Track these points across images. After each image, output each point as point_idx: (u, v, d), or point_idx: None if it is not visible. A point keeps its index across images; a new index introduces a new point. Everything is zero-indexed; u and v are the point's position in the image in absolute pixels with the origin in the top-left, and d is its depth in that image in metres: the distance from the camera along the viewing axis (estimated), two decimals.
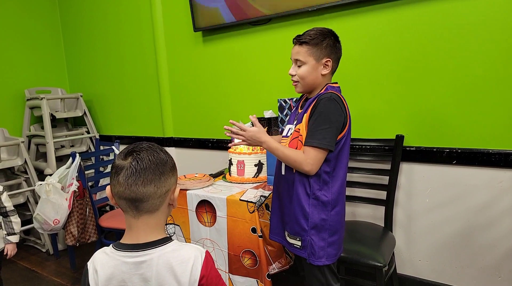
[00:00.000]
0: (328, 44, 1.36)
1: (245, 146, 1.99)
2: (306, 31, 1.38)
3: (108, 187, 0.89)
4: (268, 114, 2.23)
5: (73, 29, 3.49)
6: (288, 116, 1.82)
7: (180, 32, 2.71)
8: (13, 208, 1.87)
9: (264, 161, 1.94)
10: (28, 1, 3.34)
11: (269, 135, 1.43)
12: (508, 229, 1.72)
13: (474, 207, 1.79)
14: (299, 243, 1.38)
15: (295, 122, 1.45)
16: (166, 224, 1.97)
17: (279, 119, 2.17)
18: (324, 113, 1.28)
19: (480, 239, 1.79)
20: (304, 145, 1.32)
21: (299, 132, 1.38)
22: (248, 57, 2.43)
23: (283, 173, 1.45)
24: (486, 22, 1.66)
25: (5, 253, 1.85)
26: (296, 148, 1.37)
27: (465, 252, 1.84)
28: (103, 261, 0.88)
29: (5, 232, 1.84)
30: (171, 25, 2.76)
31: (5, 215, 1.84)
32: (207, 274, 0.87)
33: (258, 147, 1.96)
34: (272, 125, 2.18)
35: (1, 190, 1.83)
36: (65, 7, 3.51)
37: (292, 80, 1.43)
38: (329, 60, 1.37)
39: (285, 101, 2.12)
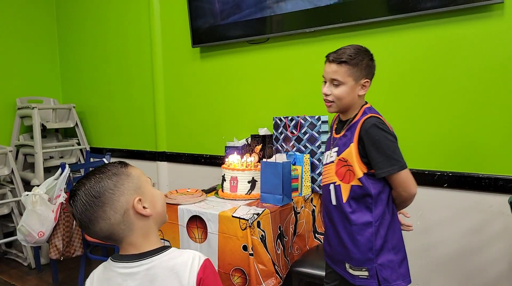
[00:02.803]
0: (367, 64, 1.32)
1: (239, 162, 1.99)
2: (342, 49, 1.32)
3: None
4: (263, 131, 2.24)
5: (70, 39, 3.50)
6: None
7: (178, 46, 2.73)
8: None
9: (257, 178, 1.93)
10: (25, 9, 3.35)
11: (263, 151, 1.40)
12: (498, 254, 1.73)
13: (465, 231, 1.80)
14: (366, 273, 1.31)
15: (334, 149, 1.39)
16: None
17: (273, 137, 2.18)
18: (382, 138, 1.26)
19: (471, 263, 1.80)
20: (391, 174, 1.26)
21: (346, 162, 1.32)
22: (245, 74, 2.45)
23: (334, 203, 1.38)
24: (480, 48, 1.71)
25: None
26: (344, 177, 1.33)
27: (455, 276, 1.84)
28: (100, 273, 0.87)
29: None
30: (169, 39, 2.79)
31: None
32: (205, 277, 0.83)
33: (252, 164, 1.96)
34: (266, 142, 2.18)
35: None
36: (63, 17, 3.52)
37: (326, 99, 1.36)
38: (368, 81, 1.34)
39: (280, 119, 2.13)
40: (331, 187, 1.38)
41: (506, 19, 1.65)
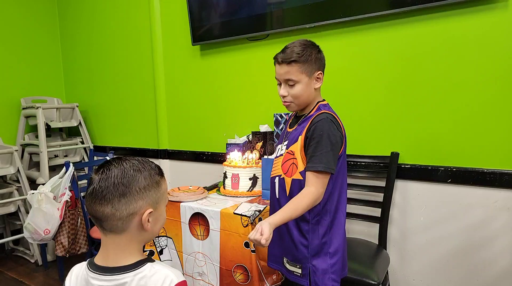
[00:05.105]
0: (316, 57, 1.31)
1: (240, 159, 1.99)
2: (288, 48, 1.30)
3: None
4: (263, 128, 2.24)
5: (72, 39, 3.52)
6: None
7: (178, 44, 2.73)
8: None
9: (259, 175, 1.93)
10: (28, 10, 3.37)
11: (264, 148, 1.39)
12: (503, 249, 1.71)
13: (469, 226, 1.78)
14: (299, 270, 1.33)
15: (285, 142, 1.39)
16: (158, 237, 1.94)
17: (274, 134, 2.18)
18: (325, 135, 1.24)
19: (475, 259, 1.78)
20: (308, 170, 1.26)
21: (293, 154, 1.32)
22: (245, 71, 2.44)
23: (277, 196, 1.40)
24: (483, 42, 1.69)
25: None
26: (288, 170, 1.34)
27: (460, 272, 1.83)
28: (76, 276, 0.87)
29: None
30: (170, 37, 2.79)
31: None
32: None
33: (253, 161, 1.96)
34: (267, 139, 2.18)
35: None
36: (65, 17, 3.54)
37: (284, 101, 1.36)
38: (321, 73, 1.33)
39: (281, 116, 2.13)
40: (276, 180, 1.40)
41: (510, 11, 1.62)
